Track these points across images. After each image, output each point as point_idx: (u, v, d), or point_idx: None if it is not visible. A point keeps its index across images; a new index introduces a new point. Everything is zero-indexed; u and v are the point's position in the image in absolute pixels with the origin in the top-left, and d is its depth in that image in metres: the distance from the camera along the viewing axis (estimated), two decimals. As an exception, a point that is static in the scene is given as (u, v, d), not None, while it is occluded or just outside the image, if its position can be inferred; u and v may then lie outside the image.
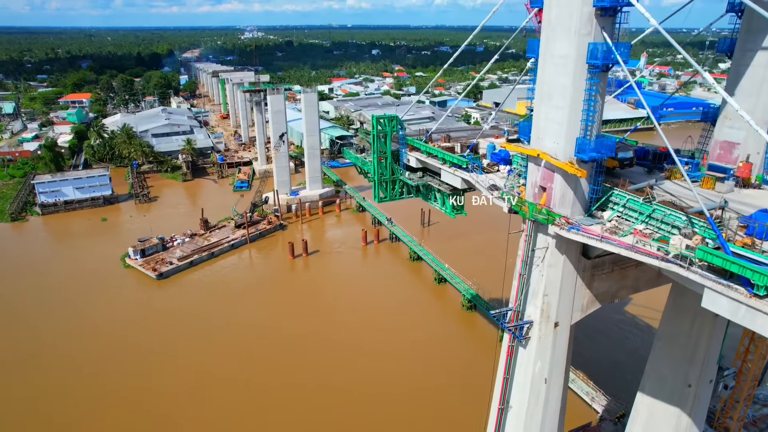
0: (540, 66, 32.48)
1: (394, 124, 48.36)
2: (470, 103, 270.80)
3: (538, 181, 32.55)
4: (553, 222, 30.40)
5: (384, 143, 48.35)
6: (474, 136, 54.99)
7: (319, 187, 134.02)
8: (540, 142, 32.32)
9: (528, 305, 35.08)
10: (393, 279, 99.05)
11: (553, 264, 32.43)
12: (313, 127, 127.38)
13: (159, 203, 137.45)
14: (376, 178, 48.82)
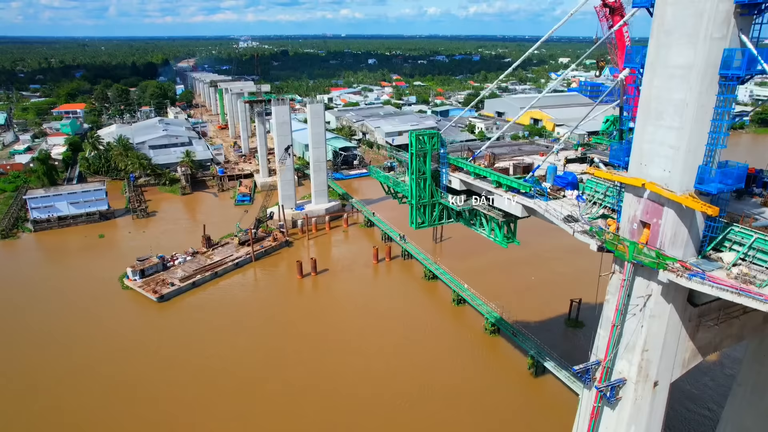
0: (647, 79, 27.32)
1: (435, 141, 43.20)
2: (472, 112, 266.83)
3: (639, 216, 27.40)
4: (666, 267, 25.22)
5: (423, 162, 43.07)
6: (516, 153, 49.99)
7: (325, 201, 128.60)
8: (643, 169, 27.15)
9: (619, 360, 29.79)
10: (408, 300, 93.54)
11: (656, 314, 27.25)
12: (320, 139, 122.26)
13: (158, 218, 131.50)
14: (414, 201, 43.48)
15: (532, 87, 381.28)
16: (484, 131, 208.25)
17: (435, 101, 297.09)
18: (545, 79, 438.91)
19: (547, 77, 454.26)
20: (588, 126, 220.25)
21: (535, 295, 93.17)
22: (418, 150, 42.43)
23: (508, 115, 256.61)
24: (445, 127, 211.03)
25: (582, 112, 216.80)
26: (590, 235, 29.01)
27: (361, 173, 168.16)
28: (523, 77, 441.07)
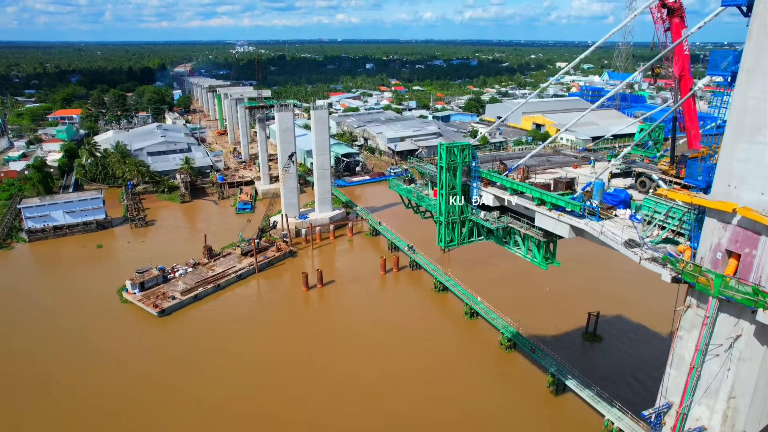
0: (740, 89, 24.18)
1: (466, 154, 39.86)
2: (474, 117, 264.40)
3: (725, 244, 24.18)
4: (766, 306, 21.95)
5: (453, 176, 39.71)
6: (546, 165, 46.78)
7: (329, 210, 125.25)
8: (733, 192, 23.95)
9: (697, 405, 26.45)
10: (419, 314, 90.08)
11: (748, 357, 24.00)
12: (324, 146, 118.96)
13: (157, 228, 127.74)
14: (443, 218, 40.12)
15: (531, 92, 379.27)
16: (487, 137, 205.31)
17: (436, 106, 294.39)
18: (546, 83, 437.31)
19: (547, 82, 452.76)
20: (592, 131, 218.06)
21: (550, 307, 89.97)
22: (448, 163, 39.06)
23: (510, 120, 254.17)
24: (447, 132, 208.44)
25: (589, 117, 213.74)
26: (661, 263, 25.74)
27: (364, 180, 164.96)
28: (523, 82, 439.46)
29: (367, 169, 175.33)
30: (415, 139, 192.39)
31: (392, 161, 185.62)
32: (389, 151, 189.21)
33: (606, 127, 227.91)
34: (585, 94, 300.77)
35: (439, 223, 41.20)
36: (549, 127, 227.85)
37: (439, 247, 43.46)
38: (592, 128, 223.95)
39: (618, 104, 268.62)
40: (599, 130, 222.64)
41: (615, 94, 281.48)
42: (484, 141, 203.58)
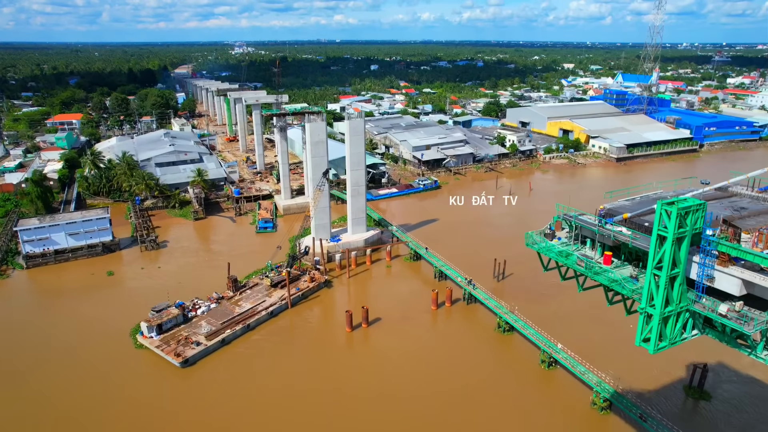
0: None
1: (699, 217, 26.67)
2: (495, 122, 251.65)
3: None
4: None
5: (678, 250, 26.55)
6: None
7: (364, 230, 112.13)
8: None
9: None
10: (486, 363, 76.86)
11: None
12: (359, 160, 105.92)
13: (170, 250, 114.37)
14: (658, 310, 27.03)
15: (548, 95, 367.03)
16: (516, 144, 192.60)
17: (454, 111, 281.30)
18: (558, 86, 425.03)
19: (560, 84, 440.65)
20: (624, 138, 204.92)
21: (638, 351, 76.78)
22: (677, 233, 25.86)
23: (534, 125, 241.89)
24: (473, 139, 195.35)
25: (618, 123, 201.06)
26: None
27: (391, 193, 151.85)
28: (536, 84, 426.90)
29: (393, 180, 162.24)
30: (441, 147, 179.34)
31: (419, 171, 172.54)
32: (414, 160, 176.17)
33: (638, 133, 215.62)
34: (609, 97, 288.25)
35: (647, 316, 28.22)
36: (578, 133, 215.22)
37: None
38: (624, 135, 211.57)
39: (645, 108, 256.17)
40: (632, 136, 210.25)
41: (642, 98, 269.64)
42: (514, 149, 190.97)
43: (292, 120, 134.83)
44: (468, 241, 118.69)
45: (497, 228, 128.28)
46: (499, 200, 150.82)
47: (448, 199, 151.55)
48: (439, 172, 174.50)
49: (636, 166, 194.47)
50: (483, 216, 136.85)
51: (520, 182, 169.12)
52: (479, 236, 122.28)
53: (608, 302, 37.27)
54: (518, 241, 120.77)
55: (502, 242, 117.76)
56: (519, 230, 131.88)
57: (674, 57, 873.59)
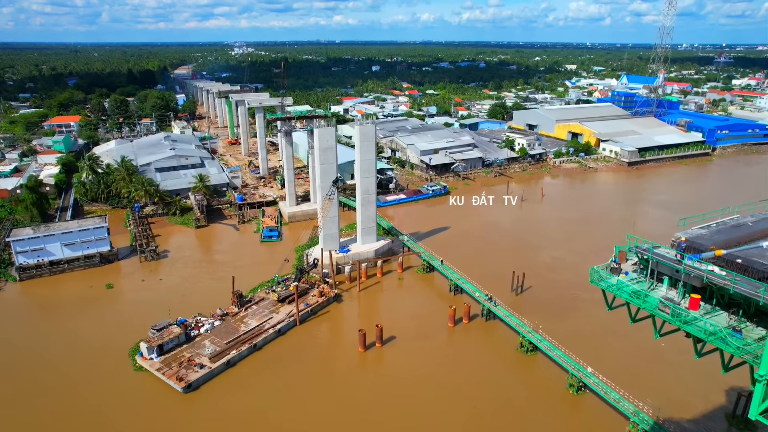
0: None
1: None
2: (502, 125, 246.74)
3: None
4: None
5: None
6: None
7: (374, 240, 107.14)
8: None
9: None
10: (508, 384, 71.92)
11: None
12: (370, 166, 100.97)
13: (172, 261, 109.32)
14: None
15: (553, 96, 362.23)
16: (526, 148, 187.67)
17: (460, 113, 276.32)
18: (563, 87, 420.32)
19: (565, 85, 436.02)
20: (635, 141, 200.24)
21: (673, 373, 71.99)
22: None
23: (541, 127, 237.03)
24: (481, 143, 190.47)
25: (628, 125, 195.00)
26: None
27: (399, 199, 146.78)
28: (540, 86, 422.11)
29: (401, 186, 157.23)
30: (449, 151, 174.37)
31: (426, 176, 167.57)
32: (422, 165, 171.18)
33: (649, 136, 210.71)
34: (617, 99, 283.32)
35: (763, 383, 23.31)
36: (588, 136, 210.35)
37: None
38: (635, 138, 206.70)
39: (654, 111, 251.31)
40: (643, 140, 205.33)
41: (651, 100, 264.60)
42: (523, 152, 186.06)
43: (296, 123, 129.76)
44: (482, 251, 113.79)
45: (512, 236, 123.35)
46: (511, 206, 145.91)
47: (459, 204, 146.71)
48: (448, 176, 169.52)
49: (648, 171, 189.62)
50: (497, 223, 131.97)
51: (531, 187, 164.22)
52: (494, 245, 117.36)
53: (631, 320, 32.30)
54: (535, 250, 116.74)
55: (518, 252, 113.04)
56: (535, 239, 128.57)
57: (676, 58, 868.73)
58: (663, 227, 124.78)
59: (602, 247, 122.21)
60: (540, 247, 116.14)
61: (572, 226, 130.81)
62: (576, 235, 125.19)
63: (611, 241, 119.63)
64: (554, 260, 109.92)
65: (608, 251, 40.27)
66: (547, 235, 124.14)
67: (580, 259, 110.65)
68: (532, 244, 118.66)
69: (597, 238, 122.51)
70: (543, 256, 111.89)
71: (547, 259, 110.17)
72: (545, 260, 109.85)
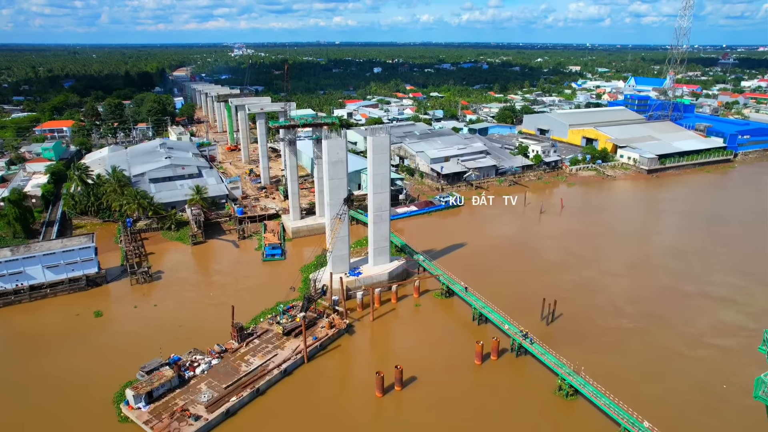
0: None
1: None
2: (512, 129, 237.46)
3: None
4: None
5: None
6: None
7: (387, 260, 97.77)
8: None
9: None
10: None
11: None
12: (383, 181, 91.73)
13: (166, 283, 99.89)
14: None
15: (561, 99, 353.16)
16: (541, 155, 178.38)
17: (468, 117, 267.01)
18: (570, 90, 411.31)
19: (572, 87, 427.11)
20: (654, 147, 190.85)
21: (740, 420, 62.59)
22: None
23: (554, 132, 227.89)
24: (493, 149, 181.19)
25: (644, 130, 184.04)
26: None
27: (410, 212, 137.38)
28: (548, 88, 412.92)
29: (412, 197, 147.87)
30: (461, 159, 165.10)
31: (437, 186, 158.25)
32: (432, 173, 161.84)
33: (668, 142, 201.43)
34: (629, 103, 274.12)
35: None
36: (604, 142, 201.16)
37: None
38: (653, 144, 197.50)
39: (670, 114, 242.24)
40: (661, 146, 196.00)
41: (665, 104, 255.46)
42: (538, 160, 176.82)
43: (300, 130, 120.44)
44: (505, 271, 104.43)
45: (536, 254, 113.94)
46: (530, 218, 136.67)
47: (473, 216, 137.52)
48: (460, 186, 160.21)
49: (669, 179, 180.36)
50: (517, 239, 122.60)
51: (549, 197, 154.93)
52: (517, 264, 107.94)
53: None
54: (562, 270, 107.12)
55: (545, 272, 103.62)
56: (561, 256, 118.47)
57: (680, 59, 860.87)
58: (695, 242, 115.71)
59: (635, 265, 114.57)
60: (567, 266, 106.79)
61: (598, 241, 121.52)
62: (604, 251, 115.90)
63: (642, 259, 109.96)
64: (584, 281, 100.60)
65: (642, 270, 32.51)
66: (573, 252, 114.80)
67: (611, 280, 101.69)
68: (559, 262, 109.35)
69: (627, 255, 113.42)
70: (572, 276, 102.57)
71: (577, 280, 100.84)
72: (575, 281, 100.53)
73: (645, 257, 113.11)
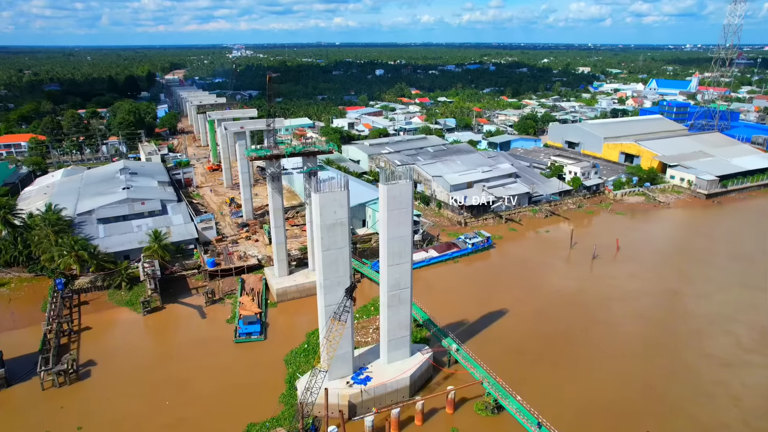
0: None
1: None
2: (538, 143, 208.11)
3: None
4: None
5: None
6: None
7: (406, 354, 68.69)
8: None
9: None
10: None
11: None
12: (402, 248, 62.70)
13: (95, 384, 70.99)
14: None
15: (581, 104, 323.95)
16: (580, 177, 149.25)
17: (485, 128, 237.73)
18: (588, 94, 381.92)
19: (589, 91, 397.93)
20: (709, 166, 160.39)
21: None
22: None
23: (585, 146, 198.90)
24: (522, 169, 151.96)
25: (693, 144, 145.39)
26: None
27: (429, 260, 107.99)
28: (565, 92, 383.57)
29: (430, 235, 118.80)
30: (487, 185, 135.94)
31: (459, 219, 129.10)
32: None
33: (725, 159, 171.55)
34: (666, 110, 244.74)
35: None
36: (648, 159, 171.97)
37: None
38: (707, 162, 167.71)
39: (717, 124, 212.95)
40: (719, 164, 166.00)
41: (711, 111, 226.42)
42: (577, 184, 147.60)
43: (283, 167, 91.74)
44: (572, 361, 75.05)
45: (608, 328, 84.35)
46: (581, 266, 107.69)
47: (508, 263, 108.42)
48: (486, 218, 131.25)
49: (732, 205, 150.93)
50: (575, 303, 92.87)
51: (597, 234, 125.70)
52: (584, 346, 78.57)
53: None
54: (648, 355, 64.37)
55: (623, 358, 73.79)
56: (642, 331, 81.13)
57: (689, 59, 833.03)
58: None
59: (754, 347, 77.35)
60: (654, 346, 77.51)
61: (683, 304, 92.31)
62: (697, 321, 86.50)
63: (762, 335, 75.78)
64: (689, 375, 71.23)
65: None
66: (655, 322, 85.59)
67: (728, 373, 72.10)
68: (640, 339, 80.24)
69: (736, 329, 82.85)
70: (663, 360, 73.31)
71: (675, 369, 71.58)
72: (672, 371, 71.30)
73: (764, 331, 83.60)
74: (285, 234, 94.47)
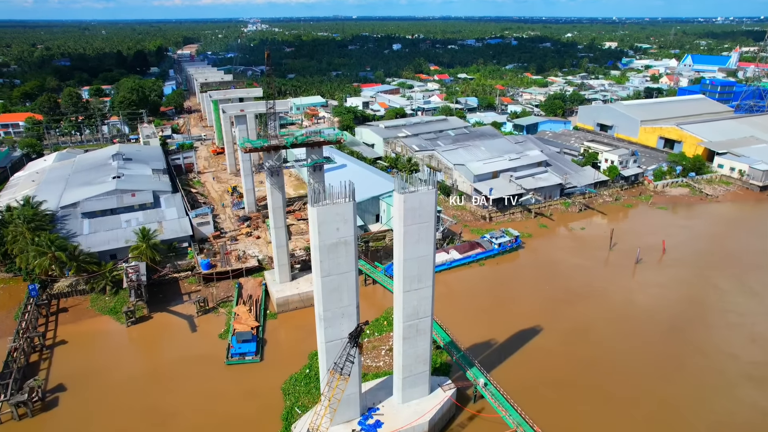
0: None
1: None
2: (567, 125, 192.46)
3: None
4: None
5: None
6: None
7: (425, 392, 57.25)
8: None
9: None
10: None
11: None
12: (424, 270, 50.65)
13: (62, 416, 60.96)
14: None
15: (610, 82, 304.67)
16: (617, 166, 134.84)
17: (509, 108, 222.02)
18: (618, 71, 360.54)
19: (617, 67, 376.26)
20: (763, 153, 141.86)
21: None
22: None
23: (618, 129, 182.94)
24: (553, 156, 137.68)
25: (742, 128, 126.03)
26: None
27: (450, 262, 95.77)
28: (593, 69, 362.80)
29: (452, 232, 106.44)
30: (515, 175, 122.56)
31: (484, 213, 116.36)
32: (476, 194, 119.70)
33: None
34: (710, 90, 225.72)
35: None
36: (692, 145, 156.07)
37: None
38: (759, 149, 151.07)
39: (767, 105, 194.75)
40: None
41: (759, 92, 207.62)
42: (615, 173, 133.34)
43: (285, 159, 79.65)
44: (624, 398, 62.81)
45: (675, 360, 71.88)
46: (623, 273, 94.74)
47: (540, 266, 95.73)
48: (513, 212, 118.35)
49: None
50: (618, 317, 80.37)
51: (637, 232, 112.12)
52: (636, 377, 66.21)
53: None
54: (721, 389, 52.42)
55: (686, 398, 61.26)
56: (704, 361, 62.16)
57: (723, 32, 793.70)
58: None
59: None
60: (722, 376, 64.96)
61: (749, 325, 79.16)
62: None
63: None
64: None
65: None
66: (718, 342, 72.80)
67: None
68: (703, 371, 67.66)
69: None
70: (741, 392, 60.98)
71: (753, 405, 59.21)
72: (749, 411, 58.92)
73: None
74: (286, 236, 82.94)
